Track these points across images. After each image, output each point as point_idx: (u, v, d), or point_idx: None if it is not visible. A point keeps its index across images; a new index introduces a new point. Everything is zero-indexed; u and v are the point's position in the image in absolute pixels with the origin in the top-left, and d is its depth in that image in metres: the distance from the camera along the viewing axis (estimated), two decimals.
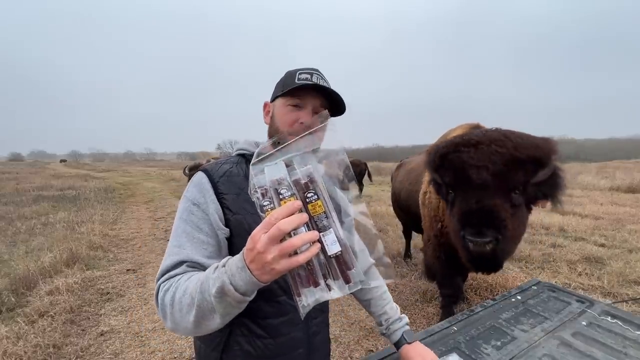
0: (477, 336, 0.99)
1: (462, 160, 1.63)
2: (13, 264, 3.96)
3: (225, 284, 0.54)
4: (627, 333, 0.98)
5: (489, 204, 1.55)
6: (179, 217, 0.76)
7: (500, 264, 1.78)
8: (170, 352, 2.42)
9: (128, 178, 19.82)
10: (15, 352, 2.28)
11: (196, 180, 0.80)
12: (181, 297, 0.61)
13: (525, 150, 1.56)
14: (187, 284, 0.62)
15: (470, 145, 1.65)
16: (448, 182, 1.71)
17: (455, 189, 1.71)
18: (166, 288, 0.65)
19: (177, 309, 0.61)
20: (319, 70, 0.86)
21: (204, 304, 0.58)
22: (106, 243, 5.16)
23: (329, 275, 0.55)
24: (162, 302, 0.64)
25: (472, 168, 1.59)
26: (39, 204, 8.39)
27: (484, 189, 1.57)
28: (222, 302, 0.56)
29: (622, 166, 17.13)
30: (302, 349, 0.85)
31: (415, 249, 4.49)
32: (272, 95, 0.90)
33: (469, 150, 1.64)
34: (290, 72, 0.85)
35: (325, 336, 0.97)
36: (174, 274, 0.68)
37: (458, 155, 1.66)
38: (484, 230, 1.53)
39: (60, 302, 3.08)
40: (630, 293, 3.12)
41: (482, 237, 1.52)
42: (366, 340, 2.56)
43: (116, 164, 69.38)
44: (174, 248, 0.72)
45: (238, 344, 0.79)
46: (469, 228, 1.57)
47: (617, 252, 4.25)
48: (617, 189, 10.01)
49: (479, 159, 1.59)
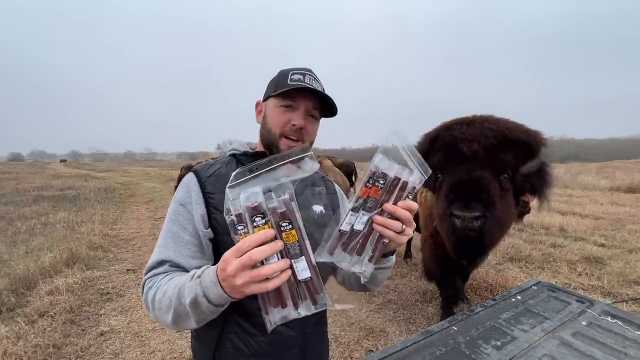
0: (477, 336, 0.99)
1: (453, 135, 1.63)
2: (13, 264, 3.96)
3: (198, 296, 0.58)
4: (627, 333, 0.98)
5: (479, 174, 1.53)
6: (168, 217, 0.79)
7: (486, 248, 1.71)
8: (170, 352, 2.42)
9: (128, 178, 19.83)
10: (15, 352, 2.28)
11: (185, 181, 0.81)
12: (161, 298, 0.65)
13: (516, 133, 1.57)
14: (167, 287, 0.66)
15: (463, 123, 1.68)
16: (437, 163, 1.68)
17: (445, 169, 1.67)
18: (149, 286, 0.70)
19: (157, 307, 0.66)
20: (312, 70, 0.85)
21: (180, 309, 0.61)
22: (106, 243, 5.16)
23: (298, 297, 0.58)
24: (145, 298, 0.69)
25: (463, 142, 1.59)
26: (39, 204, 8.39)
27: (474, 163, 1.56)
28: (195, 311, 0.60)
29: (622, 166, 17.15)
30: (297, 348, 0.84)
31: (415, 248, 4.49)
32: (264, 94, 0.88)
33: (461, 127, 1.65)
34: (283, 71, 0.84)
35: (322, 336, 0.95)
36: (157, 272, 0.72)
37: (450, 132, 1.66)
38: (473, 204, 1.48)
39: (60, 302, 3.08)
40: (630, 293, 3.12)
41: (470, 210, 1.47)
42: (366, 340, 2.56)
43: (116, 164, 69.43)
44: (159, 247, 0.75)
45: (230, 341, 0.79)
46: (456, 202, 1.52)
47: (617, 252, 4.25)
48: (617, 189, 10.02)
49: (470, 133, 1.60)
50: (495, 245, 1.82)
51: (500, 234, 1.72)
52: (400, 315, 2.95)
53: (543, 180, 1.65)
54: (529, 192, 1.68)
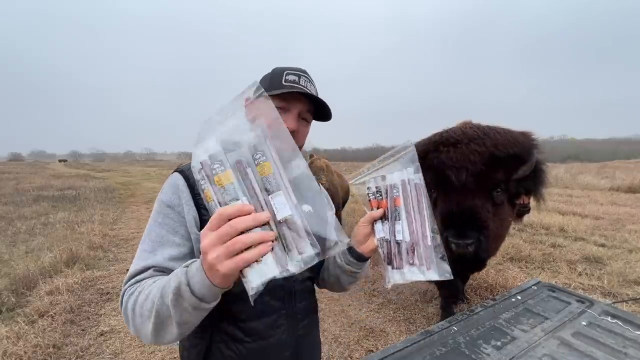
0: (477, 336, 0.99)
1: (441, 161, 1.60)
2: (13, 264, 3.95)
3: (181, 283, 0.51)
4: (627, 333, 0.98)
5: (469, 205, 1.54)
6: (153, 220, 0.73)
7: (484, 263, 1.76)
8: (170, 352, 2.42)
9: (128, 178, 19.82)
10: (15, 352, 2.28)
11: (171, 182, 0.76)
12: (143, 302, 0.58)
13: (505, 148, 1.54)
14: (151, 288, 0.59)
15: (449, 144, 1.62)
16: (428, 182, 1.71)
17: (436, 189, 1.68)
18: (130, 292, 0.63)
19: (138, 313, 0.59)
20: (307, 72, 0.84)
21: (162, 309, 0.54)
22: (106, 243, 5.15)
23: (283, 248, 0.51)
24: (125, 306, 0.62)
25: (451, 169, 1.56)
26: (39, 204, 8.38)
27: (463, 190, 1.55)
28: (177, 306, 0.53)
29: (622, 166, 17.13)
30: (289, 352, 0.82)
31: None
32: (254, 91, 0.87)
33: (447, 150, 1.61)
34: (277, 70, 0.83)
35: (315, 339, 0.94)
36: (141, 278, 0.65)
37: (437, 155, 1.63)
38: (466, 232, 1.52)
39: (60, 302, 3.08)
40: (630, 293, 3.12)
41: (463, 239, 1.51)
42: (366, 340, 2.55)
43: (116, 164, 69.43)
44: (146, 253, 0.69)
45: (219, 349, 0.76)
46: (451, 230, 1.56)
47: (617, 252, 4.25)
48: (617, 189, 10.01)
49: (457, 159, 1.56)
50: (493, 255, 1.84)
51: (496, 245, 1.74)
52: (400, 315, 2.94)
53: (537, 179, 1.64)
54: (524, 194, 1.67)
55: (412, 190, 0.65)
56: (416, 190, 0.66)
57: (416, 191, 0.66)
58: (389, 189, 0.67)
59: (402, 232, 0.65)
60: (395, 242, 0.67)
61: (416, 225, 0.65)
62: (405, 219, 0.65)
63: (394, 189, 0.66)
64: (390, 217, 0.68)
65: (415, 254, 0.65)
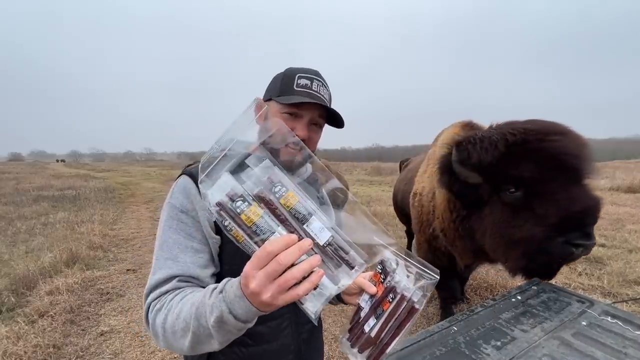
0: (477, 336, 0.99)
1: (555, 147, 1.34)
2: (13, 264, 3.96)
3: (224, 313, 0.50)
4: (627, 333, 0.98)
5: (598, 198, 1.32)
6: (167, 226, 0.70)
7: None
8: (170, 352, 2.42)
9: (128, 178, 19.81)
10: (15, 352, 2.28)
11: (181, 186, 0.73)
12: (174, 321, 0.57)
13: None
14: (181, 306, 0.58)
15: (558, 132, 1.39)
16: (521, 175, 1.39)
17: (537, 185, 1.38)
18: (157, 308, 0.61)
19: (169, 332, 0.57)
20: (320, 74, 0.81)
21: (200, 331, 0.53)
22: (106, 243, 5.15)
23: (332, 266, 0.51)
24: (153, 323, 0.60)
25: (572, 158, 1.33)
26: (39, 204, 8.38)
27: (581, 183, 1.35)
28: (220, 331, 0.52)
29: (622, 166, 17.11)
30: (292, 355, 0.82)
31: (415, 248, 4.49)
32: (266, 92, 0.83)
33: (560, 139, 1.37)
34: (290, 71, 0.79)
35: (318, 343, 0.93)
36: (164, 290, 0.63)
37: (550, 143, 1.36)
38: (592, 231, 1.29)
39: (60, 302, 3.09)
40: (630, 293, 3.12)
41: (593, 239, 1.28)
42: None
43: (116, 164, 69.37)
44: (166, 261, 0.66)
45: (222, 352, 0.74)
46: (576, 231, 1.28)
47: (617, 252, 4.24)
48: (617, 189, 9.99)
49: (574, 148, 1.35)
50: None
51: None
52: None
53: None
54: None
55: (405, 310, 0.59)
56: (408, 313, 0.59)
57: (408, 313, 0.59)
58: (388, 287, 0.62)
59: (373, 328, 0.61)
60: (362, 327, 0.64)
61: (386, 335, 0.59)
62: (383, 322, 0.60)
63: (392, 292, 0.61)
64: (374, 307, 0.64)
65: (365, 352, 0.61)
